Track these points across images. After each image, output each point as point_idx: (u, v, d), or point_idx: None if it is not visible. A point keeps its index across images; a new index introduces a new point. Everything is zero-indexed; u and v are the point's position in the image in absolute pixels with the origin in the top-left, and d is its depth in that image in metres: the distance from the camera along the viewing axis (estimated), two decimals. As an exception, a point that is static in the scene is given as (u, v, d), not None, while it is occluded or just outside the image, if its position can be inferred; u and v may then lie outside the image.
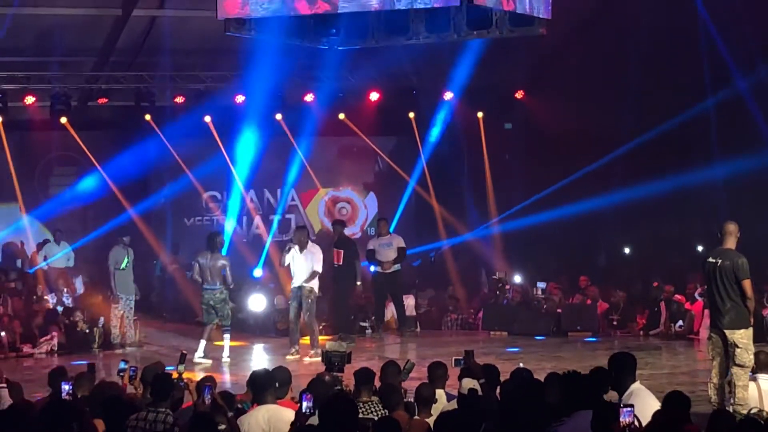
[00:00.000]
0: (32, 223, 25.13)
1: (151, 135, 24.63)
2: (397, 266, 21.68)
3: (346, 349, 10.90)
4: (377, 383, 10.44)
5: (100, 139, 25.09)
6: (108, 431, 8.79)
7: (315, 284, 18.95)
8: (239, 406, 10.11)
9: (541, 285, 22.77)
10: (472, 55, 22.87)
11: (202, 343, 18.44)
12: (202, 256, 18.58)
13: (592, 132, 23.38)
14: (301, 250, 18.77)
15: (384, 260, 21.59)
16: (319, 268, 18.90)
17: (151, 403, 9.52)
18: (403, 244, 21.91)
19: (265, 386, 9.63)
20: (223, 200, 26.69)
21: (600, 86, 23.16)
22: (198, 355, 18.17)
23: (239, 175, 25.81)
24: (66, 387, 9.87)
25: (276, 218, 27.01)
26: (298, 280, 18.79)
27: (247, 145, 25.23)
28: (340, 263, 20.64)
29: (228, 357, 18.54)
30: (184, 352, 11.28)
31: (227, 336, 18.74)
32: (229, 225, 25.67)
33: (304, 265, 18.73)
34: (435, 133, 25.85)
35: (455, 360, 10.52)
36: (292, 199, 27.21)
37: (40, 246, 24.03)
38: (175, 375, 10.36)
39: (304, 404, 8.33)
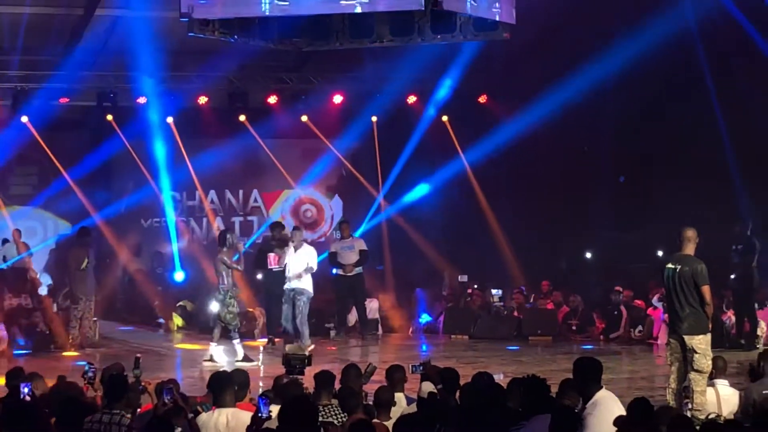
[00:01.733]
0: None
1: (112, 135, 24.54)
2: (359, 269, 21.66)
3: (306, 351, 10.88)
4: (338, 386, 10.44)
5: (61, 138, 24.89)
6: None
7: (309, 285, 19.07)
8: (199, 408, 10.07)
9: (497, 292, 22.75)
10: (436, 60, 22.86)
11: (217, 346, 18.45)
12: (228, 254, 18.42)
13: (554, 138, 23.46)
14: (296, 250, 18.87)
15: (346, 263, 21.58)
16: (315, 265, 19.24)
17: (106, 404, 9.47)
18: (365, 247, 21.91)
19: (225, 388, 9.60)
20: (182, 201, 26.57)
21: (563, 91, 23.22)
22: (236, 359, 18.04)
23: (200, 175, 25.73)
24: (26, 389, 9.80)
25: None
26: (292, 281, 18.79)
27: (209, 145, 25.13)
28: (278, 266, 20.35)
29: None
30: (138, 355, 11.18)
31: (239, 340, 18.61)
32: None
33: (298, 265, 18.78)
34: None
35: (412, 366, 10.53)
36: (255, 201, 27.11)
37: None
38: (131, 379, 10.31)
39: (262, 408, 8.30)
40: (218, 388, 9.60)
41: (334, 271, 21.90)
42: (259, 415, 8.27)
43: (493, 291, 22.83)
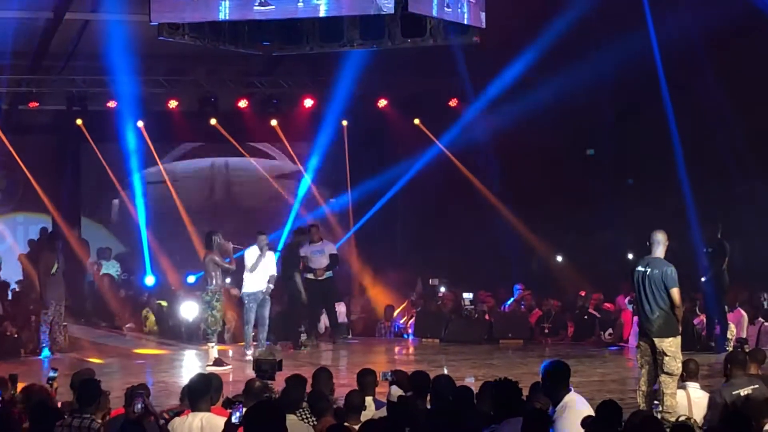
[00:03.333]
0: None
1: (82, 140, 24.48)
2: (329, 273, 21.63)
3: (276, 357, 10.86)
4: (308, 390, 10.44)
5: (30, 143, 24.77)
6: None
7: (271, 287, 19.29)
8: (166, 415, 10.06)
9: (468, 295, 22.77)
10: (406, 63, 22.89)
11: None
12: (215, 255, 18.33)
13: (525, 141, 23.51)
14: (264, 253, 19.01)
15: (316, 267, 21.54)
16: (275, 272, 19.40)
17: (76, 409, 9.44)
18: (335, 251, 21.88)
19: (203, 392, 9.56)
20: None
21: (534, 94, 23.30)
22: (207, 364, 17.93)
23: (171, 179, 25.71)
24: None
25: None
26: (262, 284, 18.77)
27: (179, 149, 25.11)
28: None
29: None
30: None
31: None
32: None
33: (267, 268, 18.83)
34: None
35: (382, 374, 10.51)
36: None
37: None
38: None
39: (236, 414, 8.27)
40: (195, 392, 9.56)
41: (306, 275, 21.83)
42: (233, 421, 8.25)
43: (464, 294, 22.82)
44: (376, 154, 26.55)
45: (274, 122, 25.44)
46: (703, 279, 19.41)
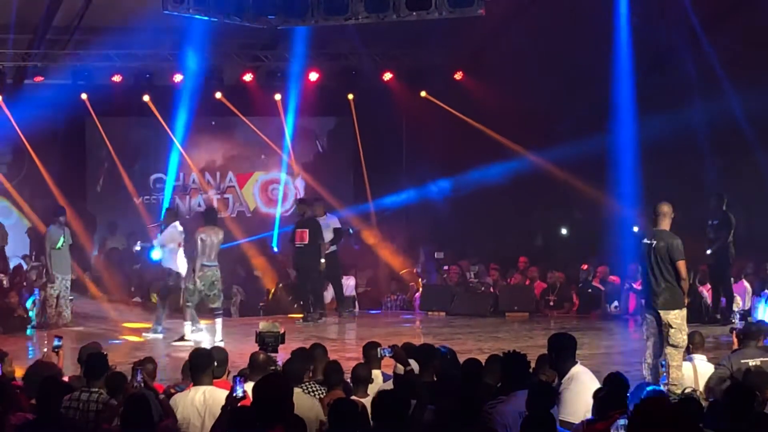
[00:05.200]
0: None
1: (87, 114, 24.49)
2: (333, 247, 21.58)
3: (279, 329, 10.86)
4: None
5: (35, 118, 24.74)
6: (43, 412, 8.71)
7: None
8: (172, 390, 10.10)
9: (474, 268, 22.81)
10: (412, 36, 22.83)
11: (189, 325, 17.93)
12: (206, 231, 17.85)
13: (529, 114, 23.48)
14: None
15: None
16: None
17: (84, 383, 9.49)
18: (339, 225, 21.82)
19: (205, 366, 9.59)
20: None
21: (538, 68, 23.25)
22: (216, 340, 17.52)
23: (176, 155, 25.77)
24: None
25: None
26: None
27: (186, 124, 25.08)
28: (305, 242, 20.56)
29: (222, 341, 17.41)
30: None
31: (220, 320, 18.02)
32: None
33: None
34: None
35: (381, 350, 10.50)
36: (230, 180, 27.07)
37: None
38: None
39: (237, 388, 8.30)
40: (197, 366, 9.60)
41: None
42: (234, 394, 8.27)
43: (471, 267, 22.84)
44: (385, 128, 26.42)
45: (278, 96, 25.40)
46: (708, 251, 19.41)
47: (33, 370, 10.58)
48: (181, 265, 18.63)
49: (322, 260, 20.71)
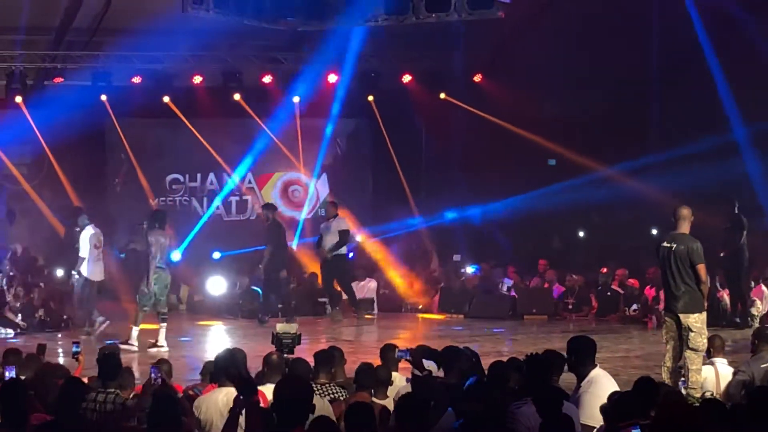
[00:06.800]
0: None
1: (106, 116, 24.55)
2: (341, 250, 21.46)
3: (296, 330, 10.85)
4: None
5: (55, 118, 24.78)
6: (63, 413, 8.72)
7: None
8: (191, 392, 10.11)
9: (508, 282, 22.84)
10: (430, 38, 22.83)
11: (137, 330, 17.73)
12: (156, 236, 17.81)
13: (548, 116, 23.49)
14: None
15: (324, 246, 21.40)
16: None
17: (100, 384, 9.52)
18: (345, 227, 21.62)
19: (228, 368, 9.60)
20: (185, 183, 26.59)
21: (557, 71, 23.26)
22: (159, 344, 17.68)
23: (198, 156, 25.84)
24: (8, 373, 9.83)
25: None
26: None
27: (204, 125, 25.14)
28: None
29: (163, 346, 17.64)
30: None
31: (165, 325, 17.88)
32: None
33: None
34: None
35: (398, 352, 10.44)
36: (249, 182, 27.09)
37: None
38: None
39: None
40: (220, 368, 9.62)
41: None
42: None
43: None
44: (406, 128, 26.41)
45: (296, 99, 25.41)
46: (721, 254, 19.36)
47: (41, 373, 10.58)
48: (84, 269, 18.99)
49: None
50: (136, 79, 23.65)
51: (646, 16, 22.35)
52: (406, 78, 25.01)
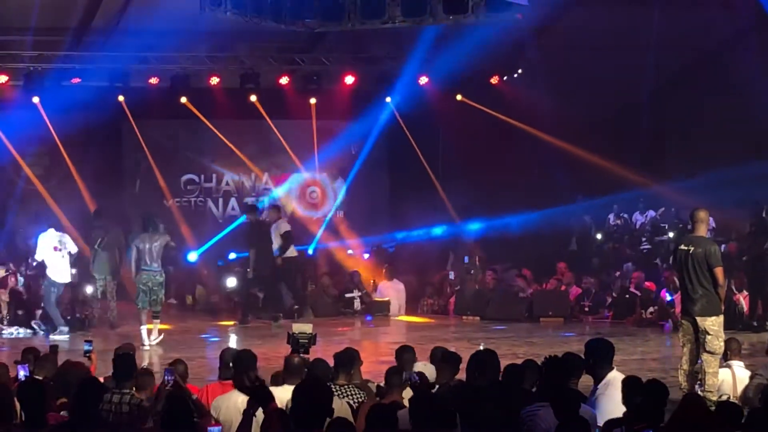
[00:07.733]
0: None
1: (123, 116, 24.59)
2: (289, 253, 21.51)
3: (312, 330, 10.84)
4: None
5: (72, 119, 24.82)
6: (78, 414, 8.72)
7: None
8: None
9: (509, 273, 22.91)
10: (448, 40, 22.82)
11: (145, 329, 18.18)
12: (140, 239, 18.26)
13: (565, 119, 23.47)
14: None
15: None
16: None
17: (115, 385, 9.52)
18: (285, 229, 21.59)
19: (249, 367, 9.61)
20: (200, 183, 26.63)
21: (575, 74, 23.24)
22: (150, 342, 18.05)
23: (214, 156, 25.90)
24: (22, 372, 9.85)
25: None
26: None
27: (221, 126, 25.20)
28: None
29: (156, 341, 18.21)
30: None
31: (158, 321, 18.44)
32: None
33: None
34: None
35: (409, 376, 10.34)
36: (266, 183, 27.12)
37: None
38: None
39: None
40: (241, 368, 9.62)
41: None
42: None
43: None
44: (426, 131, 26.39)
45: (313, 100, 25.41)
46: (744, 258, 19.30)
47: (62, 371, 10.60)
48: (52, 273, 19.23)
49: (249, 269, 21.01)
50: (153, 80, 23.69)
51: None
52: (423, 80, 24.96)
